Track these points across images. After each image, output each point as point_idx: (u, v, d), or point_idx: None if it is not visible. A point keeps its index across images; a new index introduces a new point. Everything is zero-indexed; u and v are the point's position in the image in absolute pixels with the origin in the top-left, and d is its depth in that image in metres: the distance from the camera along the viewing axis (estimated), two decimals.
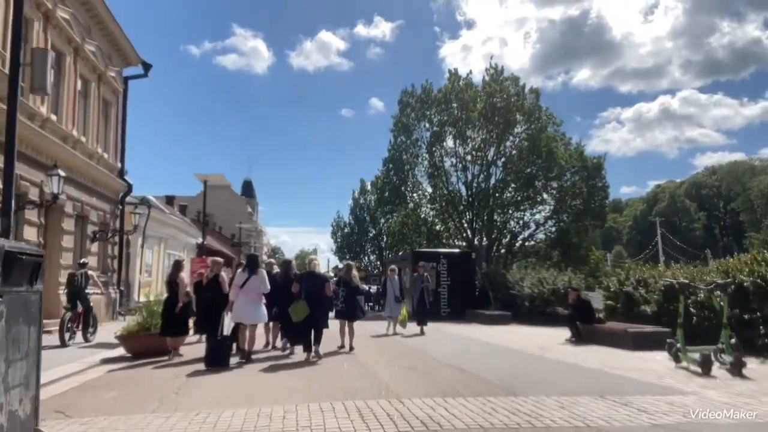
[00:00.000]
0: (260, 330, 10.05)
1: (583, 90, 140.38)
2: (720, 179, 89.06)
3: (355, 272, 10.71)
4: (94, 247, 16.18)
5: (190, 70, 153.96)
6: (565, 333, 12.25)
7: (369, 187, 49.50)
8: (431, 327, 13.67)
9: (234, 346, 9.30)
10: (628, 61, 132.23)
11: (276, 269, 11.10)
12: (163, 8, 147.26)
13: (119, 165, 18.31)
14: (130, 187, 18.65)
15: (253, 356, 9.09)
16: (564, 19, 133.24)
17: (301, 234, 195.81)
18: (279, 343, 10.58)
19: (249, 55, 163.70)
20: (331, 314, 10.11)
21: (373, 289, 30.74)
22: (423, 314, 13.60)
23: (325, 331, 9.33)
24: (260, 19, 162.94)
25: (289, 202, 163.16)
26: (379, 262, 50.18)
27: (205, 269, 10.64)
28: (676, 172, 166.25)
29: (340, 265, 59.83)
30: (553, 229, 24.64)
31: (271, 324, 10.86)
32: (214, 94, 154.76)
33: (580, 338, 11.35)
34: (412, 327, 13.40)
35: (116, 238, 17.87)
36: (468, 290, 18.85)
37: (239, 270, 9.60)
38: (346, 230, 52.32)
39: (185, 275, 10.36)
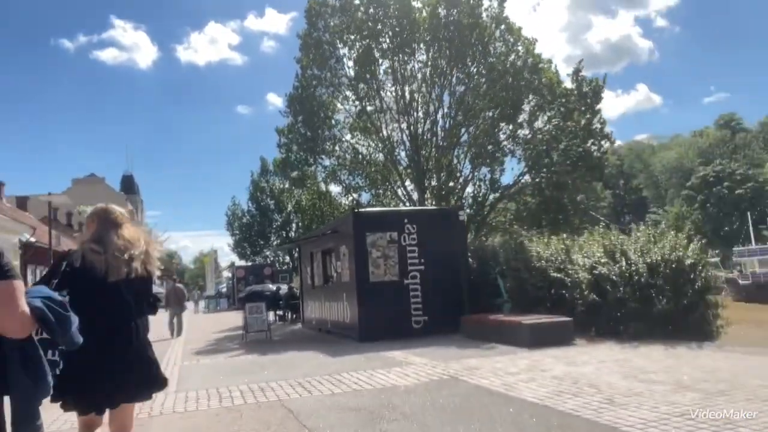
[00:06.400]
0: None
1: None
2: (621, 158, 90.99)
3: (128, 231, 2.91)
4: None
5: (63, 65, 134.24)
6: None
7: (271, 167, 40.43)
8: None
9: None
10: None
11: None
12: None
13: None
14: None
15: None
16: None
17: (203, 237, 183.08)
18: None
19: (131, 49, 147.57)
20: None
21: (283, 288, 22.07)
22: None
23: None
24: (142, 10, 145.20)
25: (188, 206, 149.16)
26: (288, 257, 41.34)
27: None
28: None
29: (238, 263, 48.19)
30: (537, 183, 17.32)
31: None
32: (91, 90, 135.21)
33: None
34: None
35: None
36: (458, 281, 10.59)
37: None
38: (244, 219, 42.36)
39: None
